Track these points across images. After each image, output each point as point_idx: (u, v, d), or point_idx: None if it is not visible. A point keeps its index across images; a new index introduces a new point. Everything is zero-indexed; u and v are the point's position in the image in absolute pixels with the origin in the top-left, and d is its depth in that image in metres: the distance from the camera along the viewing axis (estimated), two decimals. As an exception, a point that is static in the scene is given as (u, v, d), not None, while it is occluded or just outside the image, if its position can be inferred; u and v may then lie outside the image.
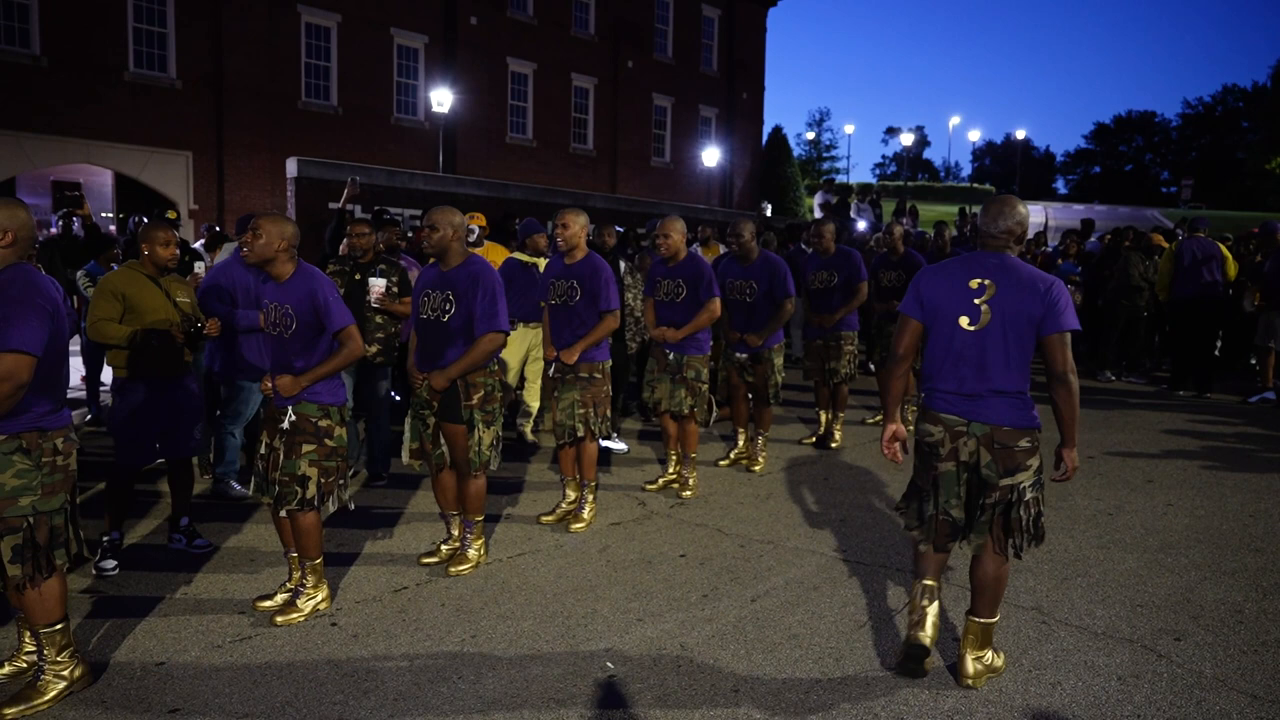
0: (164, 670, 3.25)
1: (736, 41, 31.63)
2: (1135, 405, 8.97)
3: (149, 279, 4.36)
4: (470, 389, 4.16)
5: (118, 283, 4.31)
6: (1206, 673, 3.30)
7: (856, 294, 6.78)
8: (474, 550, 4.32)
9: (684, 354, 5.48)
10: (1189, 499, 5.64)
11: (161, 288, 4.37)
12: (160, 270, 4.40)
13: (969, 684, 3.15)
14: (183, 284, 4.56)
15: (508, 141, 25.21)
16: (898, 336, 3.30)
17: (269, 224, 3.65)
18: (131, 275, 4.36)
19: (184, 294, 4.50)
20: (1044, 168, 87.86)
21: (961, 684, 3.16)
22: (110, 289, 4.29)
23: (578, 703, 3.07)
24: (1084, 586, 4.12)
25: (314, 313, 3.62)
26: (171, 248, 4.40)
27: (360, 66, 21.83)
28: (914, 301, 3.27)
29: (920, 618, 3.22)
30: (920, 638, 3.19)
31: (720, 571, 4.31)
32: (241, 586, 4.05)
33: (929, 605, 3.22)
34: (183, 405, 4.40)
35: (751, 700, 3.09)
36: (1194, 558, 4.55)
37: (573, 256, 4.93)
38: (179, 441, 4.40)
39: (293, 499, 3.64)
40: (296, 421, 3.65)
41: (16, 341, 2.74)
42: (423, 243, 4.28)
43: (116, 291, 4.26)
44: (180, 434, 4.39)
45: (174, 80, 18.75)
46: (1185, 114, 79.28)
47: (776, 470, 6.27)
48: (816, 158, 63.83)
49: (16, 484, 2.86)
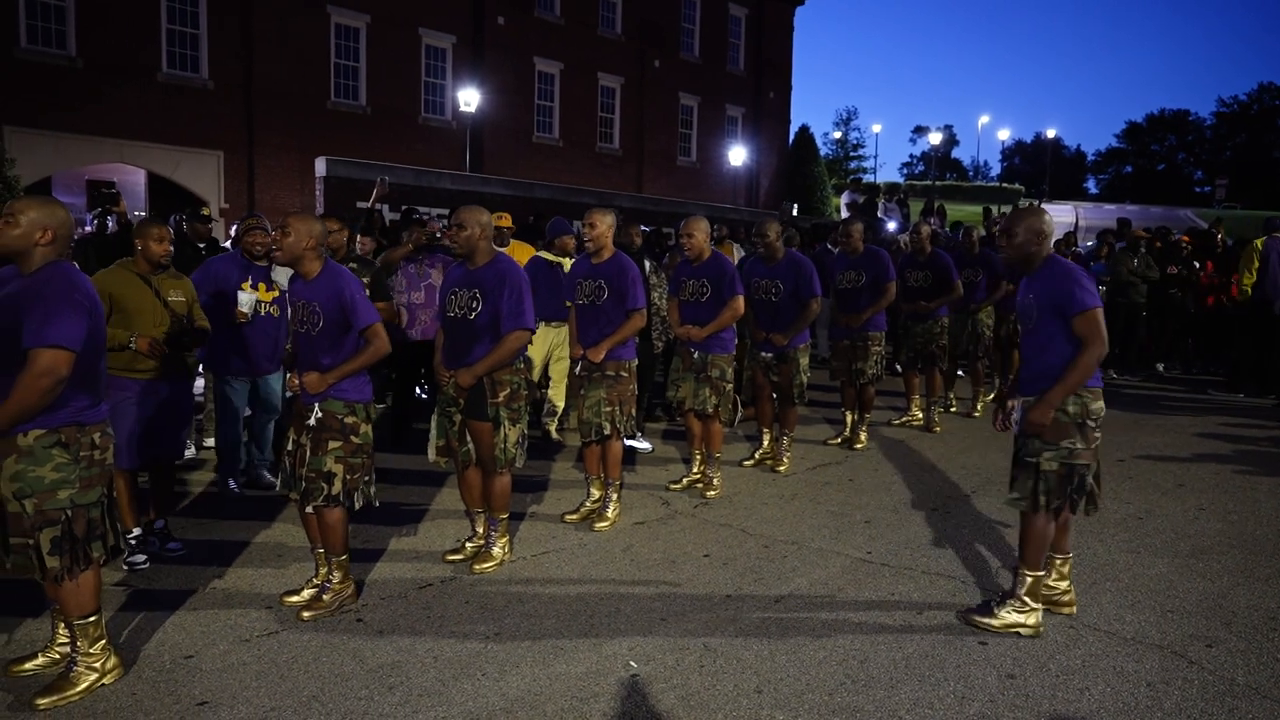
0: (193, 663, 3.29)
1: (764, 40, 31.52)
2: (1166, 408, 8.84)
3: (140, 278, 4.24)
4: (496, 386, 4.18)
5: (105, 282, 4.12)
6: (1239, 680, 3.24)
7: (884, 294, 6.73)
8: (499, 548, 4.34)
9: (708, 353, 5.47)
10: (1221, 503, 5.54)
11: (153, 287, 4.25)
12: (154, 268, 4.29)
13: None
14: (179, 282, 4.43)
15: (534, 141, 25.30)
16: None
17: (298, 223, 3.69)
18: (120, 274, 4.23)
19: (178, 293, 4.36)
20: (1075, 167, 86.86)
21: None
22: (97, 288, 4.20)
23: (600, 701, 3.07)
24: (1113, 591, 4.06)
25: (341, 310, 3.65)
26: (165, 244, 4.29)
27: (388, 66, 22.01)
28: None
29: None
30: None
31: (744, 572, 4.30)
32: (269, 582, 4.10)
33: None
34: (170, 407, 4.32)
35: (774, 701, 3.08)
36: (1226, 563, 4.48)
37: (600, 256, 4.93)
38: (163, 444, 4.32)
39: (319, 495, 3.68)
40: (323, 418, 3.69)
41: (56, 337, 2.79)
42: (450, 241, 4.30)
43: (103, 291, 3.97)
44: (165, 437, 4.31)
45: (206, 81, 19.01)
46: (1220, 112, 78.04)
47: (801, 471, 6.24)
48: (843, 157, 63.45)
49: (55, 477, 2.91)
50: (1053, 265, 3.57)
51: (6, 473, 2.88)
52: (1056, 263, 3.57)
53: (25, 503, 2.88)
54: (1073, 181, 79.58)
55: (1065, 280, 3.48)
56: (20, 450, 2.88)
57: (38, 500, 2.89)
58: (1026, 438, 3.59)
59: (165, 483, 4.48)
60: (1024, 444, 3.61)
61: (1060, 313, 3.47)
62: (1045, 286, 3.53)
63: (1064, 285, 3.47)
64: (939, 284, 7.46)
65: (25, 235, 2.92)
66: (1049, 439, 3.52)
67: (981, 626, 3.62)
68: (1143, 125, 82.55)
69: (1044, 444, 3.53)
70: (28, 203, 2.98)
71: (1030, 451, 3.57)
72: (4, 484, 2.89)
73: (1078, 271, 3.54)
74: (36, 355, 2.77)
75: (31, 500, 2.89)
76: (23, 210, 2.94)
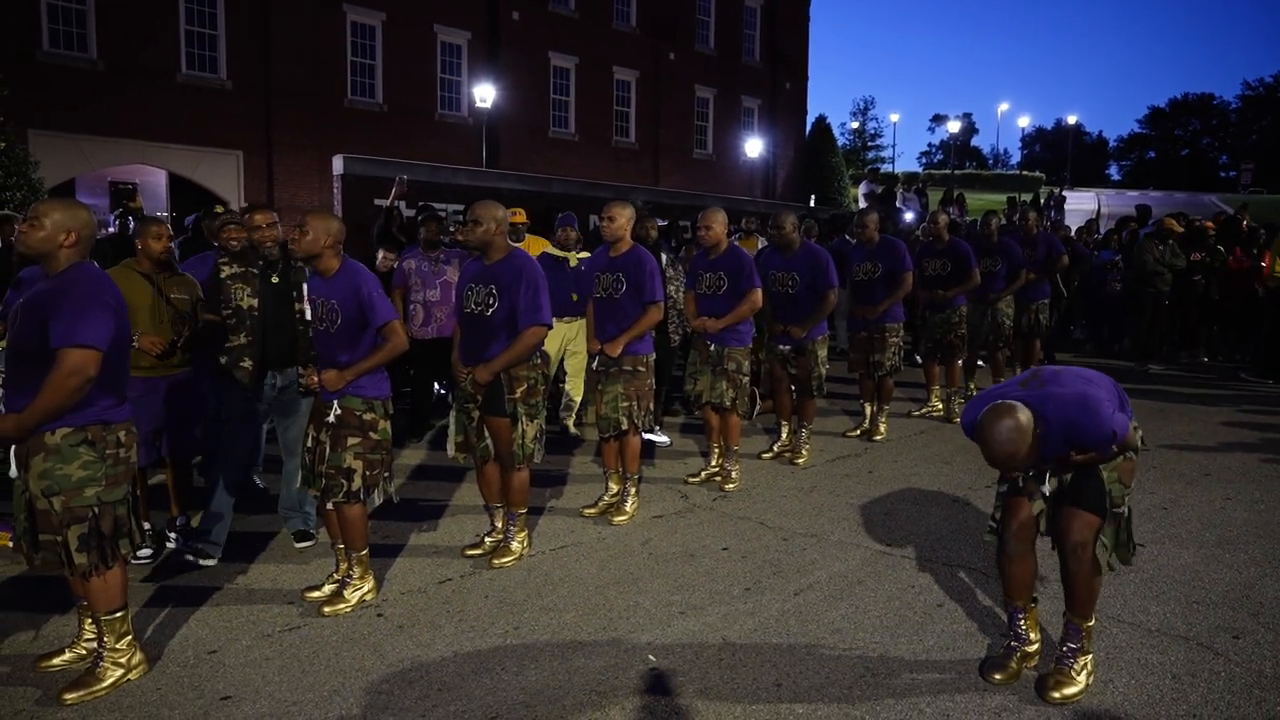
0: (216, 658, 3.33)
1: (779, 31, 31.36)
2: (1191, 397, 8.73)
3: (142, 276, 4.23)
4: (514, 382, 4.19)
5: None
6: (1267, 672, 3.20)
7: (901, 284, 6.68)
8: (517, 542, 4.36)
9: (725, 346, 5.45)
10: (1248, 492, 5.47)
11: (155, 285, 4.24)
12: (156, 266, 4.27)
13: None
14: (182, 281, 4.38)
15: (550, 136, 25.30)
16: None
17: (316, 221, 3.71)
18: (123, 273, 4.17)
19: (181, 291, 4.33)
20: (1096, 154, 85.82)
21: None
22: None
23: (620, 695, 3.08)
24: (1138, 582, 4.02)
25: (359, 308, 3.67)
26: (164, 241, 4.28)
27: (404, 64, 22.08)
28: None
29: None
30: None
31: (763, 565, 4.29)
32: (291, 577, 4.13)
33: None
34: (177, 404, 4.32)
35: (794, 695, 3.07)
36: (1253, 553, 4.42)
37: (617, 249, 4.93)
38: (174, 442, 4.35)
39: (339, 491, 3.70)
40: (342, 415, 3.71)
41: (83, 336, 2.83)
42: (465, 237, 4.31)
43: None
44: (176, 434, 4.33)
45: (224, 81, 19.15)
46: (1245, 95, 76.77)
47: (820, 463, 6.21)
48: (861, 147, 63.09)
49: (82, 475, 2.95)
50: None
51: (35, 471, 2.93)
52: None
53: (53, 500, 2.93)
54: (1094, 168, 78.64)
55: None
56: (48, 449, 2.92)
57: (65, 498, 2.93)
58: (1099, 480, 3.04)
59: (182, 478, 4.52)
60: (1102, 489, 3.03)
61: None
62: None
63: None
64: (957, 273, 7.40)
65: (50, 237, 2.95)
66: (1128, 482, 3.09)
67: (1069, 700, 3.01)
68: (1166, 110, 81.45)
69: (1126, 490, 3.09)
70: (51, 205, 3.03)
71: (1116, 499, 3.05)
72: (33, 482, 2.94)
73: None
74: (65, 355, 2.81)
75: (59, 498, 2.93)
76: (47, 213, 2.97)
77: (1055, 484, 3.10)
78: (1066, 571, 3.07)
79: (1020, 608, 3.21)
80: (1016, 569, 3.16)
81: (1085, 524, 3.02)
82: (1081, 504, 3.03)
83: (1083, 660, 3.07)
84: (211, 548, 4.26)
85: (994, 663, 3.21)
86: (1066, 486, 3.08)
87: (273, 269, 4.46)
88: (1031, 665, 3.19)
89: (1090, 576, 3.03)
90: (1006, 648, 3.23)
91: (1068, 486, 3.08)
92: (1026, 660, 3.20)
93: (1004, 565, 3.19)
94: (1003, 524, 3.19)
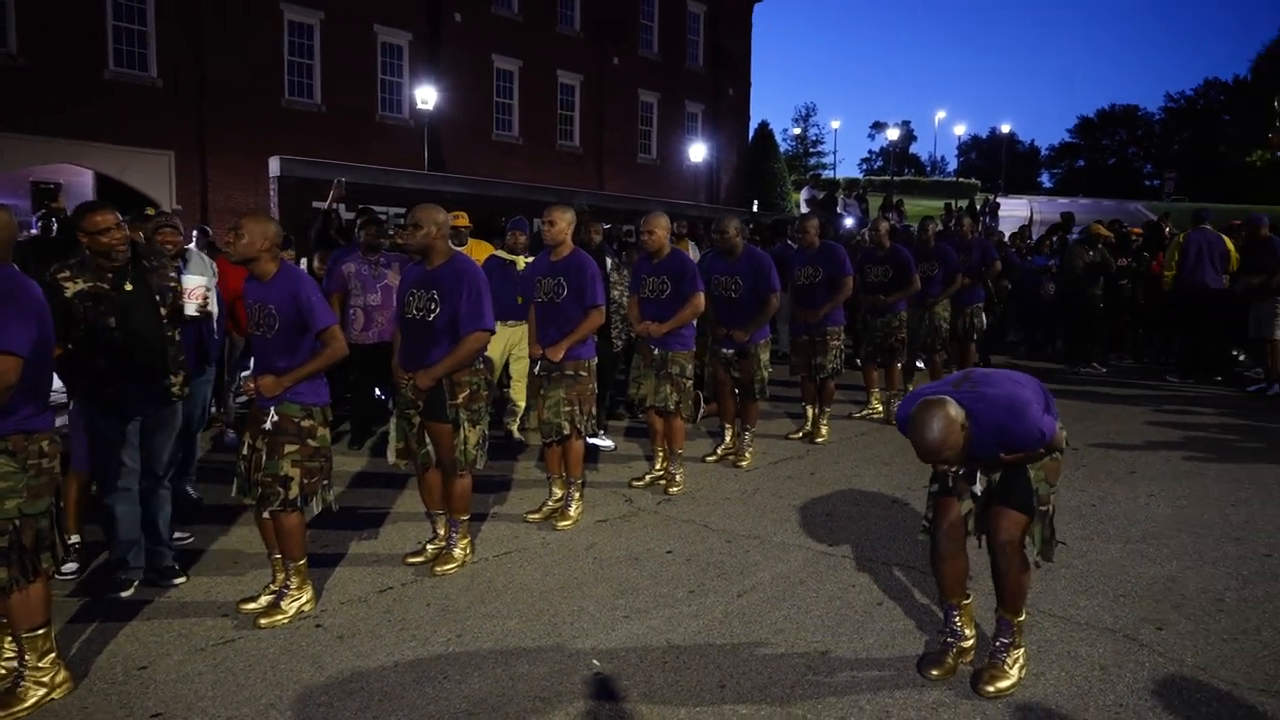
0: (146, 675, 3.22)
1: (722, 37, 31.66)
2: (1119, 398, 9.03)
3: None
4: (456, 388, 4.15)
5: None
6: (1188, 661, 3.33)
7: (841, 289, 6.79)
8: (460, 549, 4.31)
9: (669, 350, 5.48)
10: (1171, 489, 5.68)
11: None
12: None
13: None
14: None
15: (493, 138, 25.16)
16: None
17: (252, 223, 3.63)
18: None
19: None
20: (1029, 162, 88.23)
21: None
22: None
23: (564, 701, 3.07)
24: (1067, 577, 4.14)
25: (297, 312, 3.61)
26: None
27: (344, 64, 21.74)
28: None
29: None
30: None
31: (707, 567, 4.32)
32: (225, 589, 4.03)
33: None
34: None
35: (737, 695, 3.09)
36: (1175, 547, 4.59)
37: (559, 253, 4.92)
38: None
39: (275, 500, 3.62)
40: (279, 422, 3.63)
41: (4, 343, 2.72)
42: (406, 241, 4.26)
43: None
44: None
45: (155, 79, 18.63)
46: (1168, 107, 79.68)
47: (763, 466, 6.28)
48: (803, 153, 63.92)
49: (2, 486, 2.84)
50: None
51: None
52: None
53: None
54: (1027, 176, 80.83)
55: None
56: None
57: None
58: (1026, 479, 3.11)
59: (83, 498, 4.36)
60: (1029, 488, 3.10)
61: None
62: None
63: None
64: (898, 278, 7.55)
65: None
66: (1054, 481, 3.16)
67: (1003, 694, 3.08)
68: (1094, 120, 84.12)
69: (1052, 489, 3.16)
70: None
71: (1042, 497, 3.13)
72: None
73: None
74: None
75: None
76: None
77: (985, 483, 3.18)
78: (996, 569, 3.15)
79: (955, 605, 3.28)
80: (948, 567, 3.23)
81: (1014, 522, 3.11)
82: (1010, 503, 3.12)
83: (1015, 654, 3.16)
84: (133, 573, 3.97)
85: (931, 659, 3.28)
86: (995, 486, 3.16)
87: (124, 277, 3.89)
88: (967, 660, 3.27)
89: (1020, 573, 3.11)
90: (943, 644, 3.30)
91: (996, 486, 3.16)
92: (963, 655, 3.27)
93: (936, 564, 3.27)
94: (934, 524, 3.27)
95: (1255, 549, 4.56)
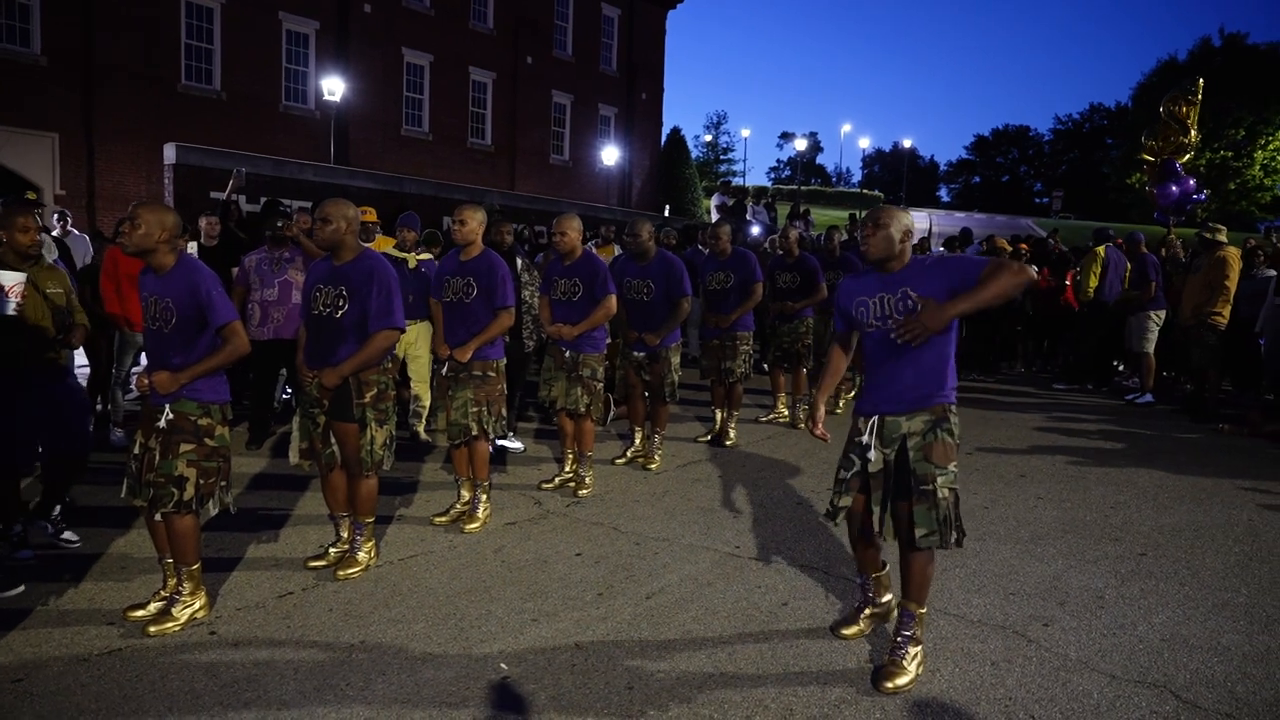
0: (21, 688, 3.04)
1: (636, 42, 31.81)
2: (1010, 405, 9.46)
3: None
4: (363, 387, 4.05)
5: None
6: (1071, 655, 3.51)
7: (752, 295, 6.91)
8: (364, 553, 4.21)
9: (580, 352, 5.48)
10: (1057, 492, 5.98)
11: (30, 280, 4.04)
12: (22, 259, 4.06)
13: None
14: (53, 274, 4.25)
15: (403, 134, 24.66)
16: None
17: (149, 213, 3.47)
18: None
19: (55, 285, 4.21)
20: (929, 176, 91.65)
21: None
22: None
23: (470, 705, 3.02)
24: (961, 577, 4.32)
25: (196, 307, 3.46)
26: (32, 233, 4.06)
27: (246, 50, 20.95)
28: None
29: None
30: None
31: (615, 569, 4.33)
32: (111, 595, 3.83)
33: None
34: (61, 400, 4.13)
35: (645, 698, 3.11)
36: (1061, 547, 4.83)
37: (468, 253, 4.86)
38: (64, 438, 4.18)
39: (169, 501, 3.46)
40: (174, 420, 3.48)
41: None
42: (313, 236, 4.14)
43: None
44: (63, 430, 4.16)
45: (38, 56, 17.58)
46: (1056, 129, 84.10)
47: (672, 468, 6.33)
48: (714, 160, 64.83)
49: None
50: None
51: None
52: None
53: None
54: (927, 190, 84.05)
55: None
56: None
57: None
58: (914, 463, 3.22)
59: (70, 473, 4.31)
60: (911, 471, 3.22)
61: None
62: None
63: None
64: (806, 286, 7.72)
65: None
66: (939, 462, 3.21)
67: (901, 690, 3.17)
68: (989, 139, 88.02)
69: (936, 468, 3.20)
70: None
71: (924, 478, 3.20)
72: None
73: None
74: None
75: None
76: None
77: (880, 459, 3.30)
78: (902, 559, 3.32)
79: (870, 576, 3.61)
80: (862, 554, 3.59)
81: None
82: (906, 496, 3.29)
83: (914, 651, 3.28)
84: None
85: (844, 620, 3.63)
86: (892, 478, 3.28)
87: None
88: (886, 621, 3.59)
89: (925, 564, 3.29)
90: (855, 607, 3.61)
91: (894, 479, 3.28)
92: (879, 618, 3.62)
93: (855, 548, 3.60)
94: (848, 522, 3.46)
95: (1132, 548, 4.85)
